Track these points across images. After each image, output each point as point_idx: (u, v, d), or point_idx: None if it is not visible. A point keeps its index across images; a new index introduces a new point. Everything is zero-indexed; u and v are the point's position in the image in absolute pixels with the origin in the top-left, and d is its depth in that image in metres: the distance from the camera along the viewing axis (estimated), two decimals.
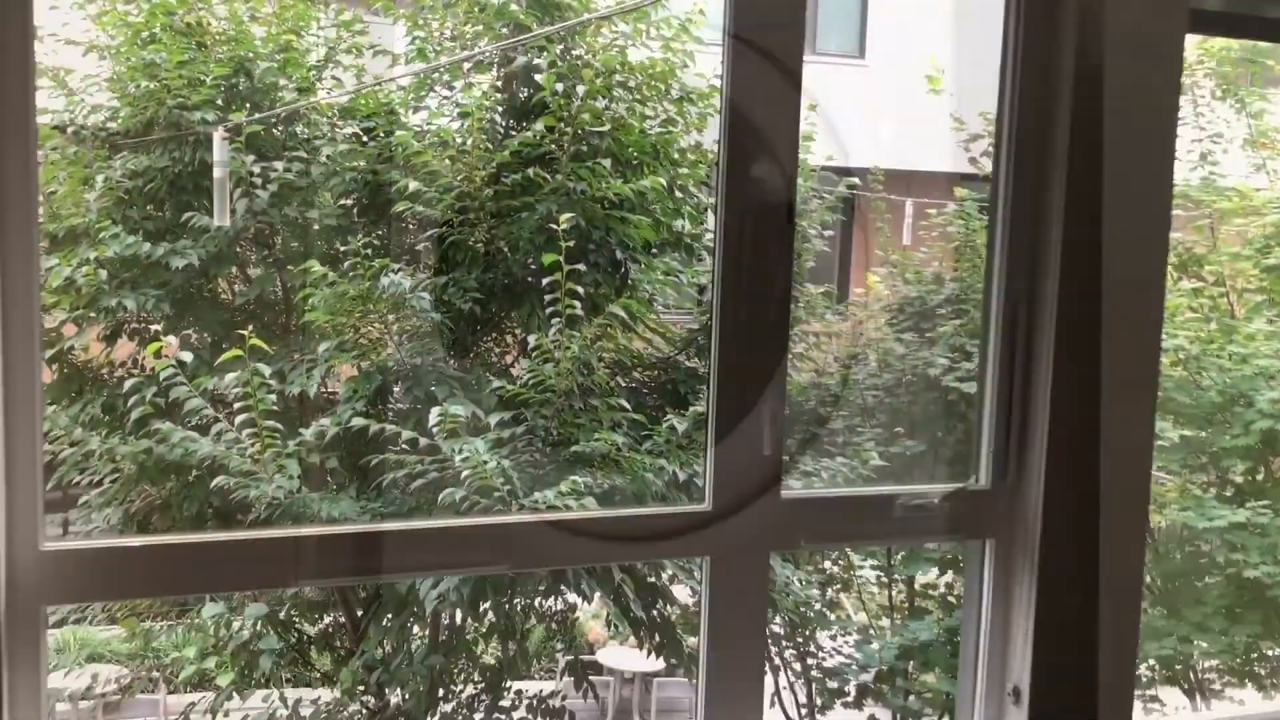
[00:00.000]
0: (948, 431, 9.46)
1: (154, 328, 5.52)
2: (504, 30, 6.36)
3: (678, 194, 6.74)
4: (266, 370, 5.22)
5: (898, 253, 9.83)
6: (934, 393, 9.07)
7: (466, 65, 6.47)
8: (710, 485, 2.67)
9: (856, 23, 15.94)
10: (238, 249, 7.04)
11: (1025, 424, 2.95)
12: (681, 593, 6.70)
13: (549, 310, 5.62)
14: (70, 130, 6.82)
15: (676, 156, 7.01)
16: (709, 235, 7.31)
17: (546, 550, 2.56)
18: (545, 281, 5.54)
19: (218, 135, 6.24)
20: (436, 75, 6.63)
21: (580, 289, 5.48)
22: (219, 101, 6.58)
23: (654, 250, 6.90)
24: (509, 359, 7.24)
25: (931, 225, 10.21)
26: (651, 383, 7.27)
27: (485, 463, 5.15)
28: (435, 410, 5.40)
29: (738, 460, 2.69)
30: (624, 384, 6.68)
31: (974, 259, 9.28)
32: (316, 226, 6.99)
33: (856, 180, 7.96)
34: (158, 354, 5.47)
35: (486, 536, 2.45)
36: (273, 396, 5.29)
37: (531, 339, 5.58)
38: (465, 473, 5.15)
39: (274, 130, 6.85)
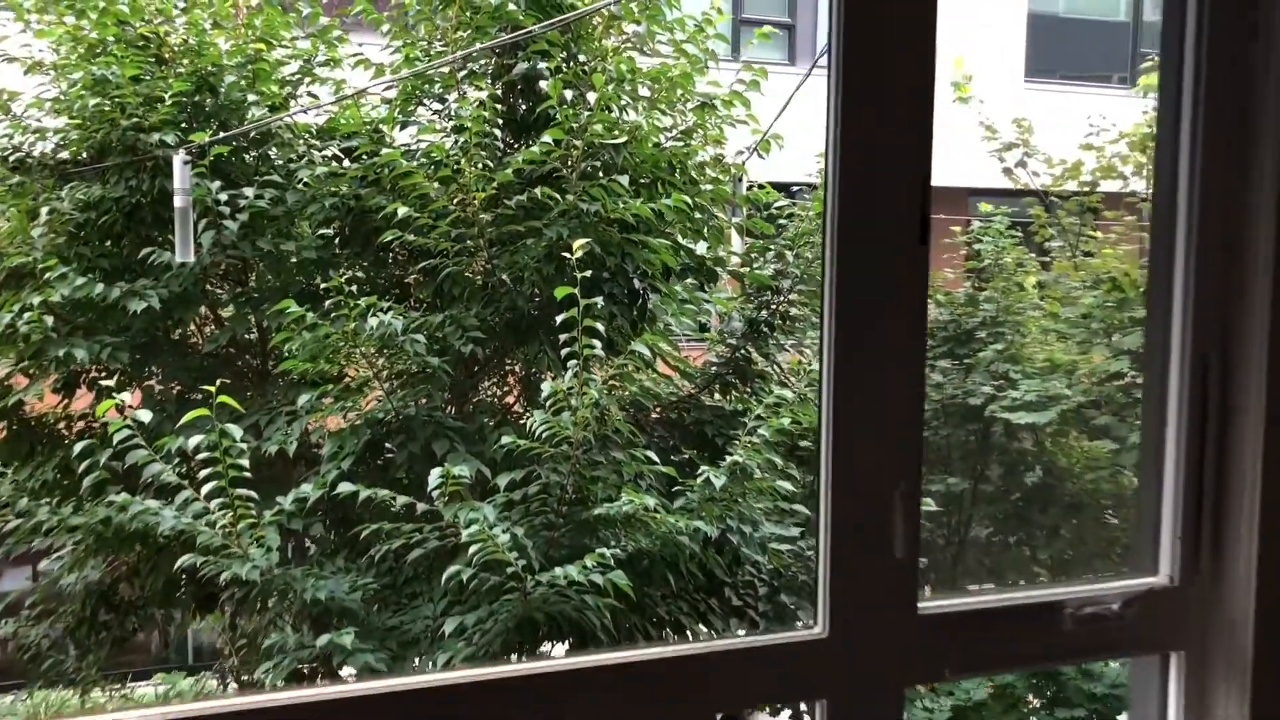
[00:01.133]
0: (990, 466, 8.73)
1: (105, 383, 4.72)
2: (501, 34, 5.61)
3: (695, 214, 5.98)
4: (237, 432, 4.43)
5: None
6: (976, 424, 8.35)
7: (460, 73, 5.71)
8: (825, 601, 1.94)
9: None
10: (205, 288, 6.25)
11: (1223, 502, 2.19)
12: None
13: (564, 351, 4.84)
14: (11, 158, 6.04)
15: (694, 173, 6.26)
16: (735, 258, 6.56)
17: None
18: (560, 319, 4.76)
19: (179, 159, 5.47)
20: (426, 86, 5.87)
21: (599, 325, 4.72)
22: (180, 121, 5.81)
23: (674, 277, 6.15)
24: (512, 402, 6.47)
25: (947, 244, 9.53)
26: (673, 424, 6.50)
27: (495, 533, 4.37)
28: (435, 472, 4.62)
29: (860, 565, 1.96)
30: (645, 429, 5.91)
31: (1005, 279, 8.58)
32: (294, 260, 6.21)
33: None
34: (119, 409, 4.68)
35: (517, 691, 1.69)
36: (245, 461, 4.49)
37: (546, 386, 4.80)
38: (473, 547, 4.37)
39: (243, 153, 6.07)
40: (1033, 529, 8.55)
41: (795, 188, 7.60)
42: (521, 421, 6.01)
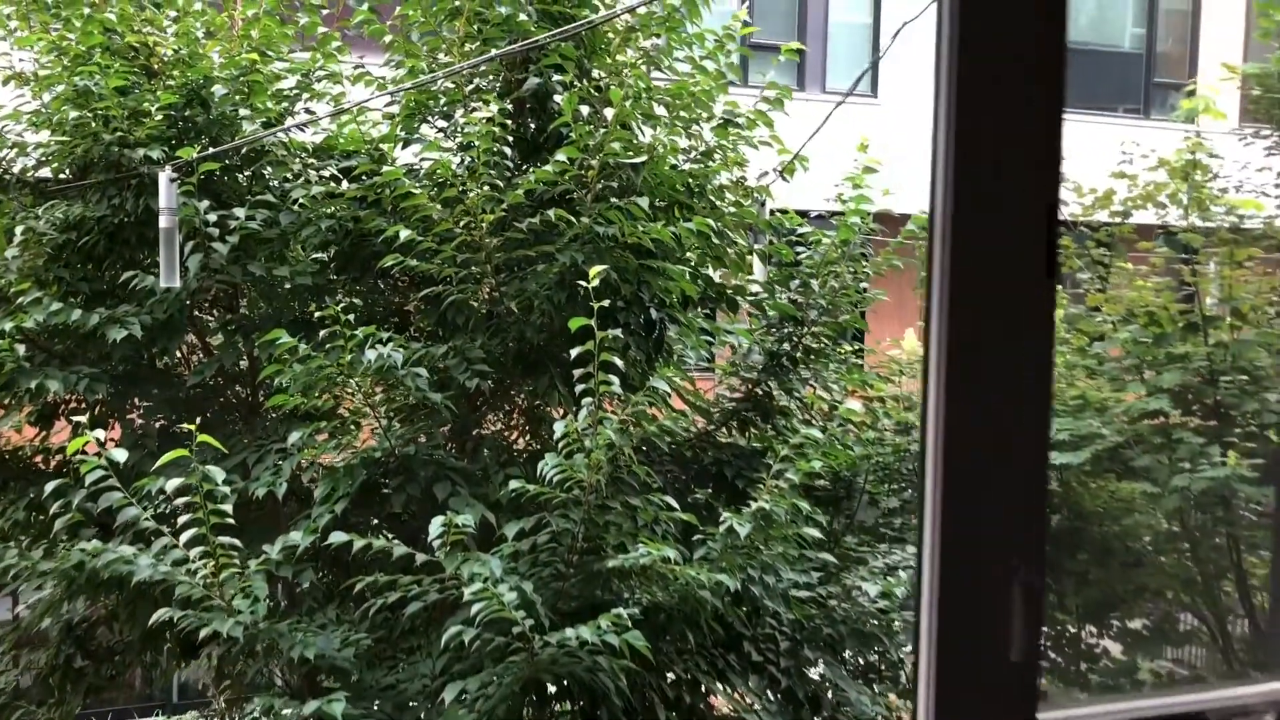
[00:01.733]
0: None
1: (79, 418, 4.32)
2: (512, 46, 5.24)
3: (717, 238, 5.60)
4: (219, 475, 4.02)
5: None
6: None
7: (468, 87, 5.34)
8: (929, 709, 1.63)
9: (868, 60, 15.10)
10: (192, 314, 5.86)
11: None
12: None
13: (580, 388, 4.44)
14: None
15: (712, 196, 5.89)
16: (754, 286, 6.18)
17: None
18: (575, 352, 4.36)
19: (165, 176, 5.09)
20: (431, 102, 5.50)
21: (617, 360, 4.32)
22: (168, 137, 5.43)
23: (698, 307, 5.77)
24: (517, 439, 6.07)
25: None
26: (686, 462, 6.09)
27: (501, 590, 3.95)
28: (437, 521, 4.21)
29: (970, 668, 1.64)
30: (656, 467, 5.49)
31: None
32: (287, 286, 5.82)
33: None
34: (98, 445, 4.27)
35: None
36: (229, 506, 4.08)
37: (558, 425, 4.40)
38: (477, 605, 3.95)
39: (235, 171, 5.69)
40: (1059, 574, 8.13)
41: (815, 214, 7.22)
42: (525, 458, 5.62)
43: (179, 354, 6.02)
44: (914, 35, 15.81)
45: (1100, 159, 9.85)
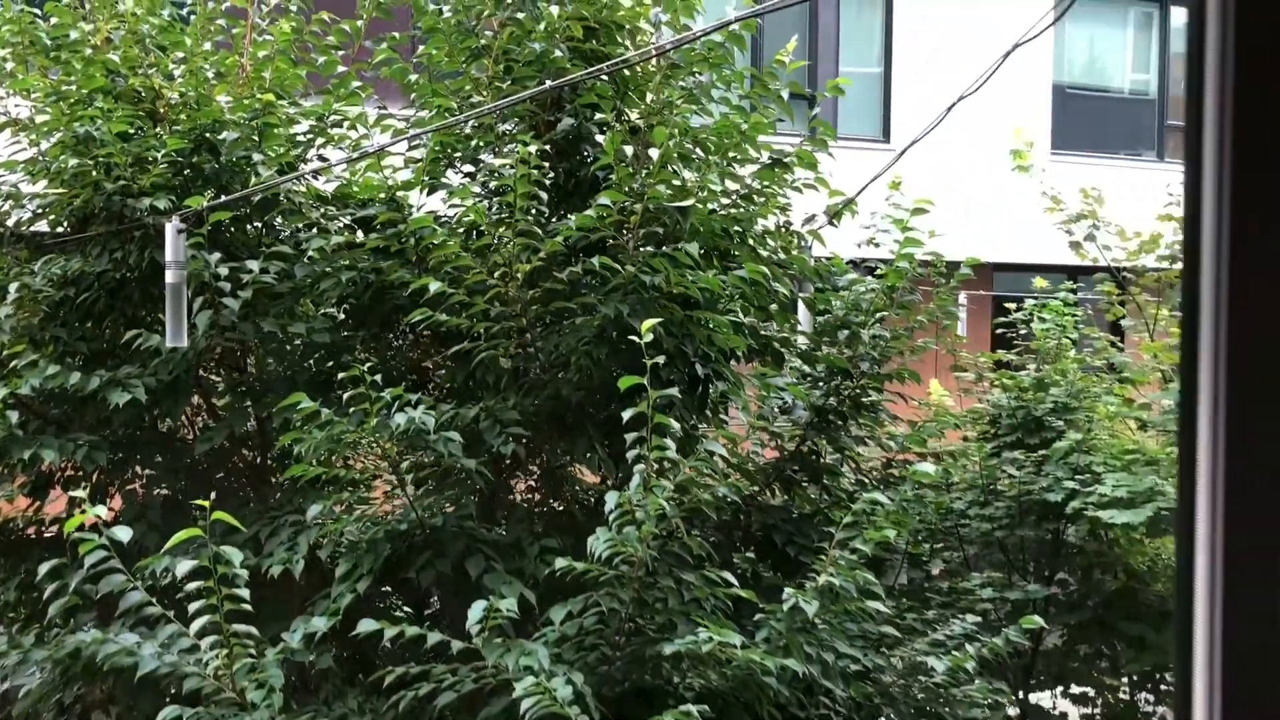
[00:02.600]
0: (1068, 569, 7.88)
1: (77, 494, 3.89)
2: (546, 84, 4.88)
3: (768, 285, 5.20)
4: (236, 557, 3.59)
5: (983, 354, 8.36)
6: (1054, 522, 7.52)
7: (500, 127, 4.98)
8: None
9: (879, 106, 14.89)
10: (200, 376, 5.45)
11: None
12: None
13: (632, 453, 4.02)
14: None
15: (752, 240, 5.51)
16: (801, 339, 5.78)
17: None
18: (628, 414, 3.94)
19: (172, 228, 4.70)
20: (460, 145, 5.13)
21: (675, 423, 3.92)
22: (174, 186, 5.05)
23: (741, 360, 5.37)
24: (554, 505, 5.64)
25: (1001, 322, 8.79)
26: (729, 527, 5.66)
27: (554, 686, 3.51)
28: (477, 607, 3.76)
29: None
30: (701, 536, 5.06)
31: (1072, 360, 7.81)
32: (300, 343, 5.42)
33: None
34: (95, 526, 3.83)
35: None
36: (245, 591, 3.65)
37: (611, 497, 3.97)
38: (527, 702, 3.50)
39: (245, 221, 5.31)
40: (1114, 637, 7.67)
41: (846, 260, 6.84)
42: (549, 520, 5.20)
43: (183, 417, 5.60)
44: (925, 80, 15.56)
45: (1130, 202, 9.56)
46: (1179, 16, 16.22)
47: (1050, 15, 4.49)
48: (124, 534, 3.77)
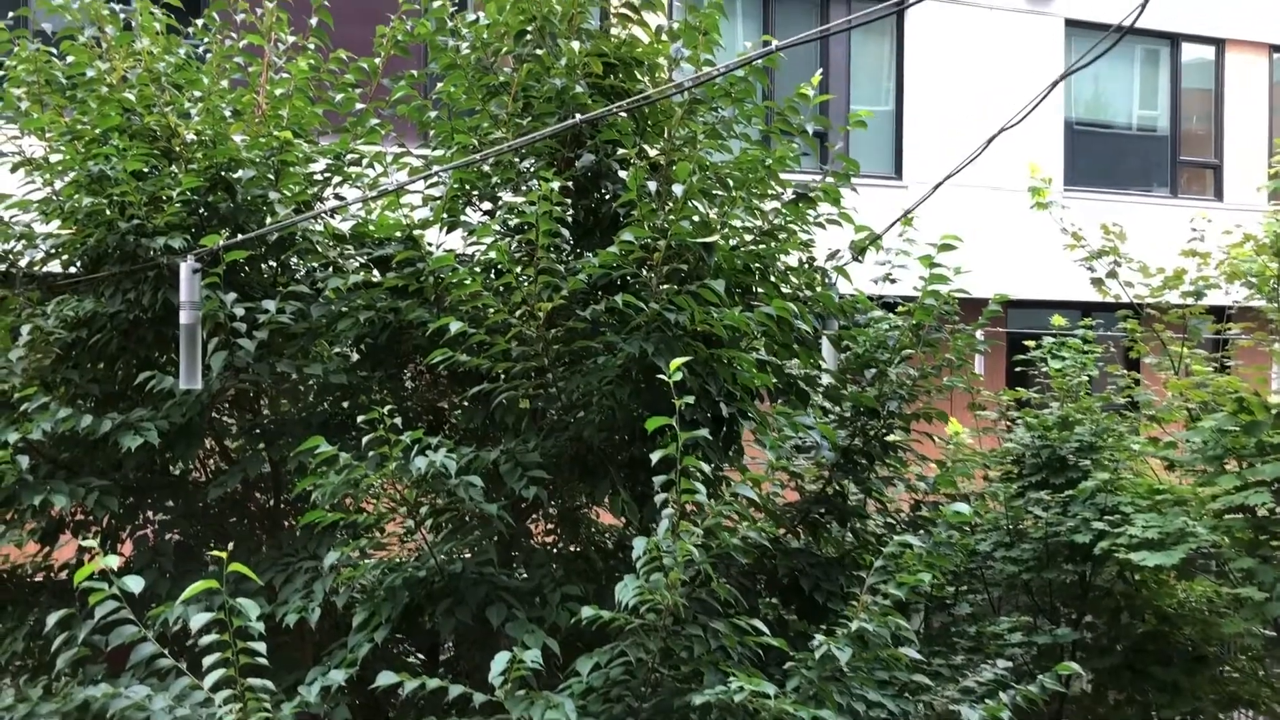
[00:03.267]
0: (1095, 612, 7.69)
1: (87, 543, 3.76)
2: (570, 119, 4.80)
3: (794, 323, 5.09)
4: (253, 610, 3.46)
5: (1004, 392, 8.22)
6: (1082, 564, 7.34)
7: (522, 164, 4.90)
8: None
9: (891, 142, 14.85)
10: (213, 418, 5.34)
11: None
12: None
13: (661, 496, 3.90)
14: None
15: (774, 277, 5.41)
16: (826, 377, 5.66)
17: None
18: (656, 456, 3.82)
19: (186, 267, 4.62)
20: (480, 183, 5.05)
21: (705, 465, 3.80)
22: (189, 225, 4.97)
23: (763, 399, 5.25)
24: (560, 545, 5.50)
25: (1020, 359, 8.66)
26: (754, 573, 5.51)
27: None
28: (500, 659, 3.63)
29: None
30: (725, 581, 4.91)
31: (1095, 400, 7.66)
32: (314, 384, 5.31)
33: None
34: (105, 576, 3.70)
35: None
36: (262, 645, 3.51)
37: (639, 544, 3.84)
38: None
39: (260, 260, 5.23)
40: (1145, 683, 7.46)
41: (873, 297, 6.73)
42: (576, 562, 5.06)
43: (196, 463, 5.49)
44: (939, 120, 15.47)
45: (1146, 238, 9.45)
46: (1190, 52, 16.21)
47: (1101, 46, 4.40)
48: (135, 584, 3.64)
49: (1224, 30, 16.29)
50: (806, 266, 5.55)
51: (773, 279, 5.40)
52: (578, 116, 4.56)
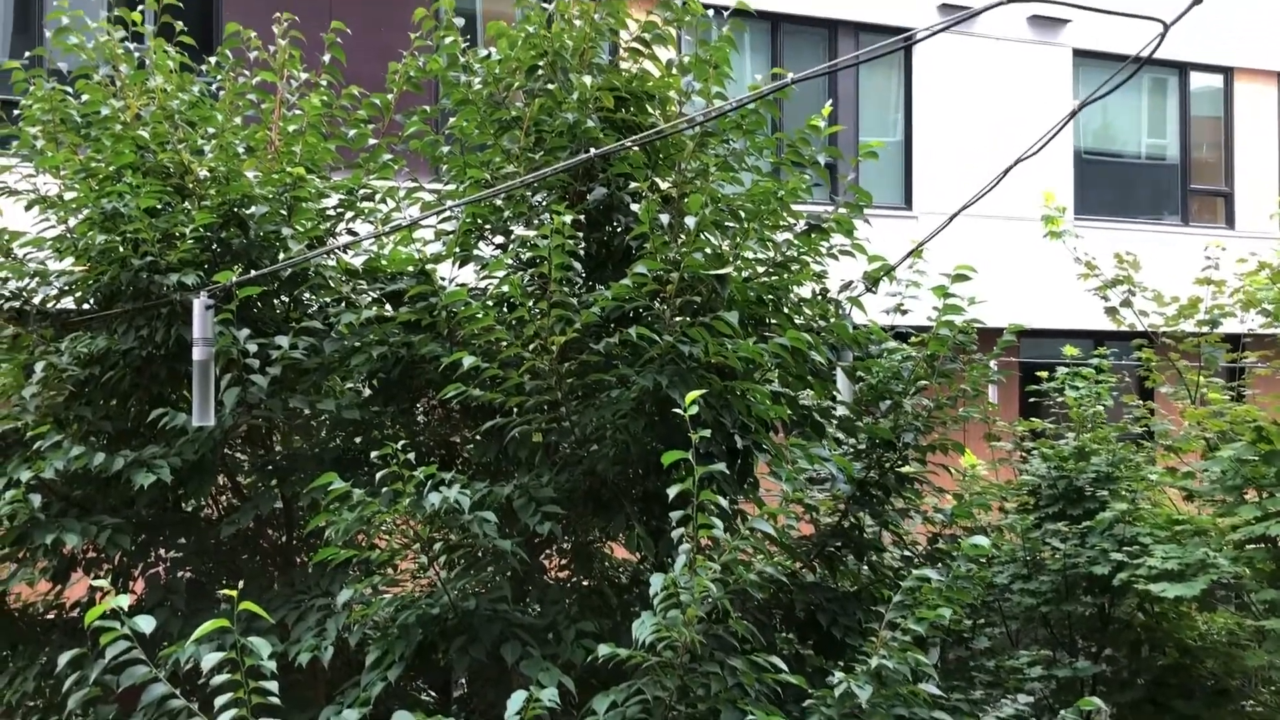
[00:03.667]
0: (1115, 645, 7.60)
1: (98, 583, 3.74)
2: (583, 153, 4.80)
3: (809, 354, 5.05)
4: (265, 649, 3.43)
5: (1019, 423, 8.17)
6: (1101, 596, 7.27)
7: (534, 197, 4.90)
8: None
9: (901, 173, 14.86)
10: (225, 454, 5.33)
11: None
12: None
13: (678, 531, 3.86)
14: (6, 306, 5.20)
15: (787, 308, 5.38)
16: (840, 409, 5.62)
17: None
18: (674, 491, 3.79)
19: (199, 304, 4.61)
20: (493, 217, 5.05)
21: (723, 500, 3.76)
22: (203, 261, 4.98)
23: (777, 431, 5.21)
24: (573, 579, 5.45)
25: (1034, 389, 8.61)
26: (771, 608, 5.44)
27: None
28: (517, 698, 3.58)
29: None
30: (741, 616, 4.86)
31: (1111, 429, 7.60)
32: (327, 420, 5.30)
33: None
34: (121, 614, 3.67)
35: None
36: (274, 685, 3.47)
37: (656, 580, 3.80)
38: None
39: (273, 296, 5.23)
40: (1167, 717, 7.35)
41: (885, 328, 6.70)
42: (589, 598, 5.01)
43: (208, 500, 5.47)
44: (948, 150, 15.47)
45: (1157, 267, 9.40)
46: (1198, 81, 16.24)
47: (1118, 76, 4.38)
48: (147, 624, 3.61)
49: (1232, 59, 16.31)
50: (820, 298, 5.52)
51: (786, 310, 5.37)
52: (590, 150, 4.56)
